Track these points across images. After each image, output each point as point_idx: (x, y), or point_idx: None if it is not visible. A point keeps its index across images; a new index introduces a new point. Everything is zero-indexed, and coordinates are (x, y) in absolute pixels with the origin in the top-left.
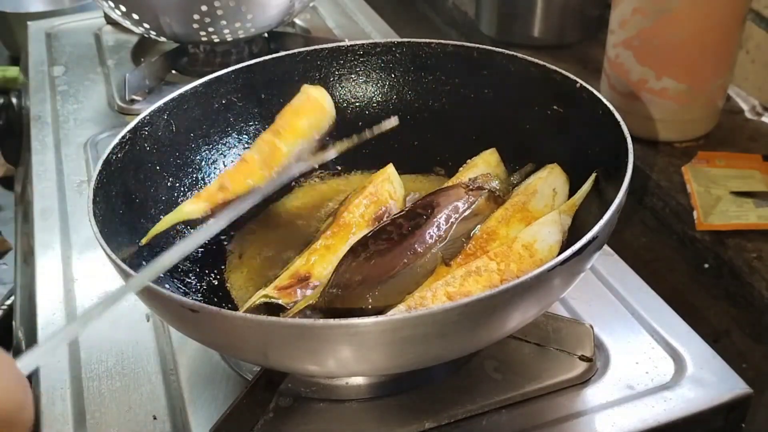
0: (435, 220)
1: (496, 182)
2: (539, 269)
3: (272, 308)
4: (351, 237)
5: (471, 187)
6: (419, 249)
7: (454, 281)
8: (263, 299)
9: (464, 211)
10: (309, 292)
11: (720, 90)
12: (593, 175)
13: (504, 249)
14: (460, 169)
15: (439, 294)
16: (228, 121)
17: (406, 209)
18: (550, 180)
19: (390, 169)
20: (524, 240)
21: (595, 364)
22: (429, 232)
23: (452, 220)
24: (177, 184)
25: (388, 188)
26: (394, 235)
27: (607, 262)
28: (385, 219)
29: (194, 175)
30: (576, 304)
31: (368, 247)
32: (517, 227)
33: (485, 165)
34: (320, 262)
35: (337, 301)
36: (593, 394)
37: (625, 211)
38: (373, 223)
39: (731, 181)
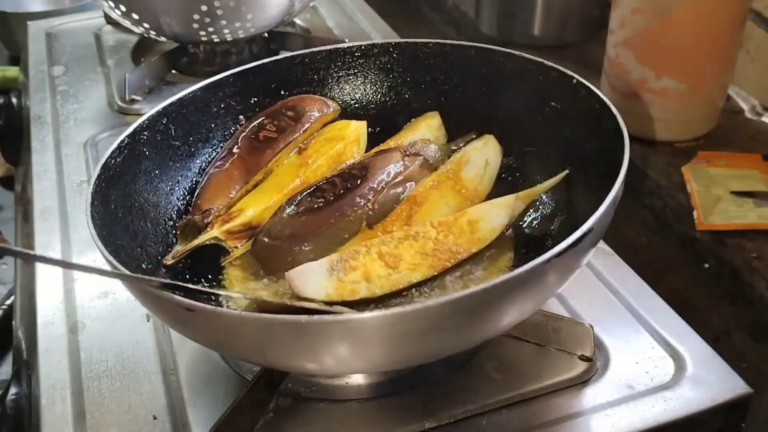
0: (367, 183)
1: (434, 148)
2: (534, 261)
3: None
4: None
5: (408, 152)
6: (347, 211)
7: (390, 242)
8: (214, 240)
9: (396, 176)
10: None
11: (720, 90)
12: (564, 172)
13: (449, 220)
14: (403, 128)
15: (372, 251)
16: (227, 125)
17: (343, 169)
18: (484, 150)
19: (362, 128)
20: (471, 216)
21: (595, 364)
22: (359, 195)
23: (383, 185)
24: (176, 188)
25: (354, 150)
26: (327, 194)
27: (607, 261)
28: (323, 179)
29: (193, 180)
30: (576, 304)
31: (301, 203)
32: (448, 194)
33: (426, 128)
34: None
35: (270, 251)
36: (593, 394)
37: (626, 211)
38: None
39: (731, 180)
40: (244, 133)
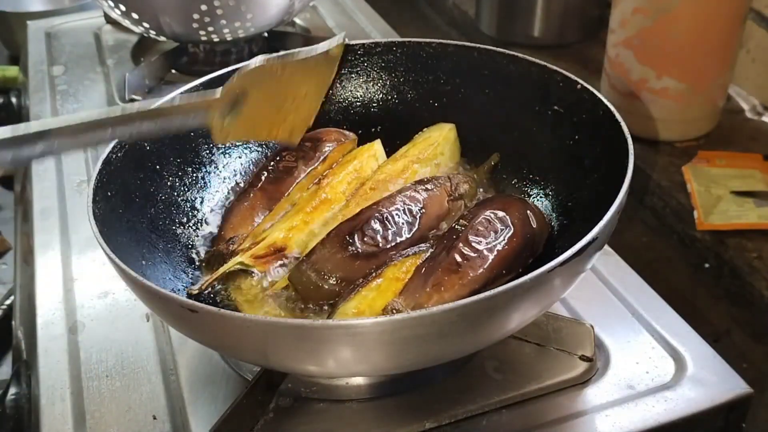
0: (420, 231)
1: (466, 187)
2: (539, 270)
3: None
4: (329, 211)
5: (452, 196)
6: (396, 259)
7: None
8: (239, 266)
9: (441, 221)
10: (283, 264)
11: (720, 89)
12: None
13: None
14: (418, 137)
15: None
16: None
17: (396, 205)
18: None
19: (377, 145)
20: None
21: (596, 363)
22: (411, 242)
23: (433, 231)
24: (177, 184)
25: (372, 165)
26: (379, 239)
27: (607, 262)
28: (375, 212)
29: (194, 175)
30: (576, 304)
31: (356, 244)
32: None
33: (444, 141)
34: (297, 235)
35: (313, 286)
36: (594, 394)
37: (626, 211)
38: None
39: (732, 180)
40: (263, 167)
